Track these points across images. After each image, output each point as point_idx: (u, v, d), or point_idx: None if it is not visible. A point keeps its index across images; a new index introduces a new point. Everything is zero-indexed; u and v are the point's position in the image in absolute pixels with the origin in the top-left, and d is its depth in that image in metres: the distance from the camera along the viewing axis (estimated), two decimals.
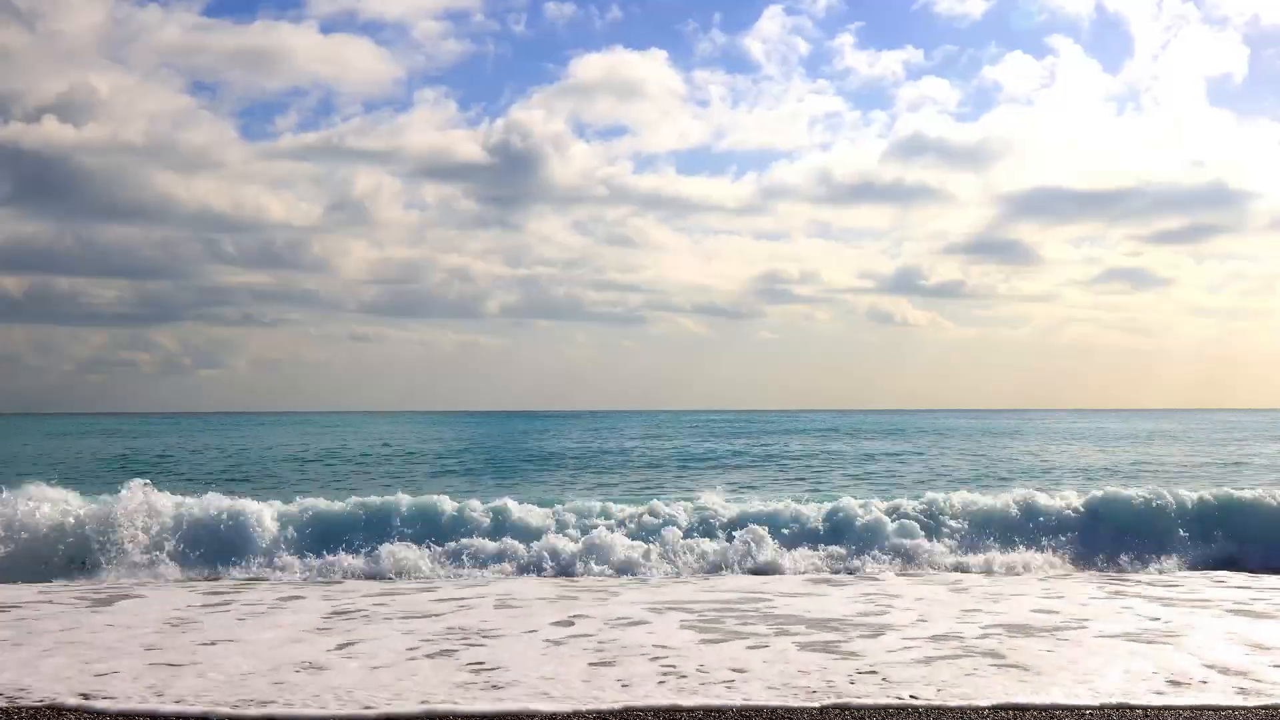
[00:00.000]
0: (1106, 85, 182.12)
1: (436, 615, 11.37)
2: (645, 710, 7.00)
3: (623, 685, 8.23)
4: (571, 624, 10.81)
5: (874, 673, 8.52)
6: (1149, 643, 9.66)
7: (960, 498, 17.24)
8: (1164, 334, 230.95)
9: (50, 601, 12.41)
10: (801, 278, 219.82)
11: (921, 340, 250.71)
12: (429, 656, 9.21)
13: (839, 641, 9.83)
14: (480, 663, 8.95)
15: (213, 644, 9.82)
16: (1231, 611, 11.45)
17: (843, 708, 7.23)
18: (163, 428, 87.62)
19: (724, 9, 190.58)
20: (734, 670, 8.64)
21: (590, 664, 8.99)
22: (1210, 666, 8.69)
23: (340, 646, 9.69)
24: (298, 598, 12.63)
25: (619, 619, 11.08)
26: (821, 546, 15.50)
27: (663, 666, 8.86)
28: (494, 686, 8.13)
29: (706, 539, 15.52)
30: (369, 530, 15.74)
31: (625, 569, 14.62)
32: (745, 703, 7.25)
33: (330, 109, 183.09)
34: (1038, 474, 31.33)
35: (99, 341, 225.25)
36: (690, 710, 6.94)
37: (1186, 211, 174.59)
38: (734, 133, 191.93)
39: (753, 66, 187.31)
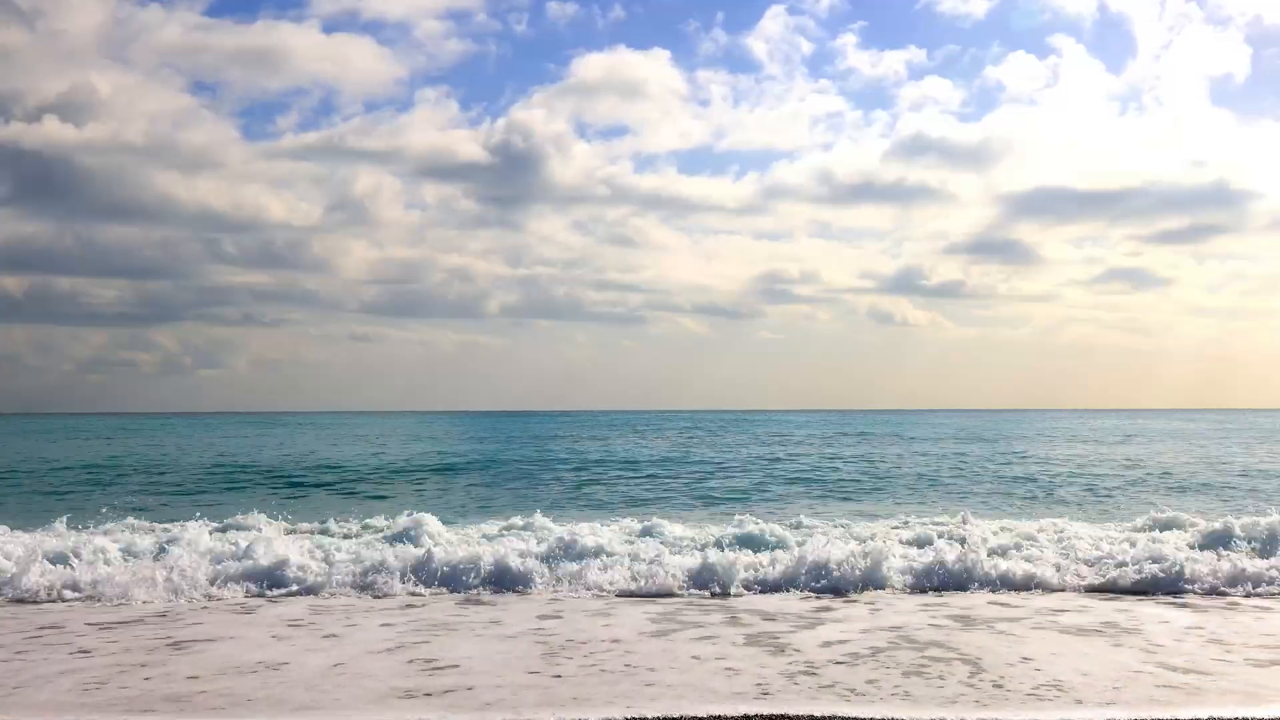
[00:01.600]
0: (1109, 85, 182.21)
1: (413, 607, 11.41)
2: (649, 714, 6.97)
3: (556, 677, 8.13)
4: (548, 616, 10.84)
5: (811, 674, 8.42)
6: None
7: None
8: (1164, 334, 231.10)
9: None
10: (802, 278, 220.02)
11: (922, 340, 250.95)
12: (388, 652, 9.11)
13: (783, 633, 9.73)
14: (433, 660, 8.84)
15: (192, 642, 9.63)
16: None
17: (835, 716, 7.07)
18: (125, 429, 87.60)
19: (726, 9, 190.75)
20: (670, 667, 8.57)
21: (541, 655, 8.91)
22: None
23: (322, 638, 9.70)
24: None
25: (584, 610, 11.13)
26: None
27: (595, 660, 8.78)
28: (443, 692, 7.96)
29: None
30: None
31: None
32: (743, 710, 7.13)
33: (331, 109, 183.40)
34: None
35: (99, 341, 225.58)
36: (693, 714, 6.91)
37: (1188, 211, 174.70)
38: (735, 132, 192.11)
39: (755, 66, 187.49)
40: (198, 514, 16.21)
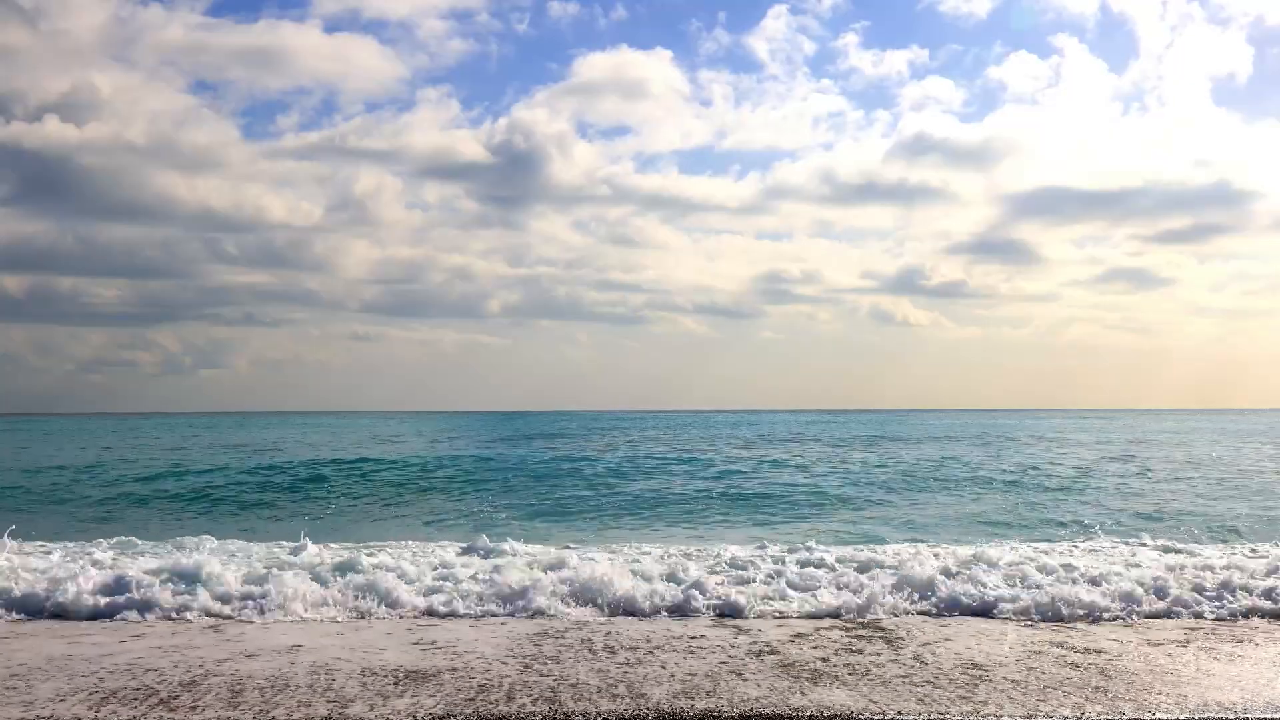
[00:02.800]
0: (1111, 85, 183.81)
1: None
2: (649, 713, 6.92)
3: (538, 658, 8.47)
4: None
5: (772, 653, 9.28)
6: None
7: None
8: (1166, 334, 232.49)
9: None
10: (803, 277, 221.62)
11: (923, 340, 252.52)
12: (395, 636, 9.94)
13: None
14: (434, 641, 9.73)
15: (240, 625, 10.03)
16: None
17: (836, 715, 7.03)
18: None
19: (729, 8, 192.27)
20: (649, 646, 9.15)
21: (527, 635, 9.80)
22: None
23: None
24: None
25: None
26: None
27: (581, 639, 9.36)
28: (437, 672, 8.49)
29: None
30: None
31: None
32: (743, 709, 7.10)
33: (333, 108, 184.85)
34: None
35: (99, 341, 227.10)
36: (692, 713, 6.86)
37: (1190, 211, 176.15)
38: (737, 132, 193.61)
39: (757, 66, 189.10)
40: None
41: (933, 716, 6.49)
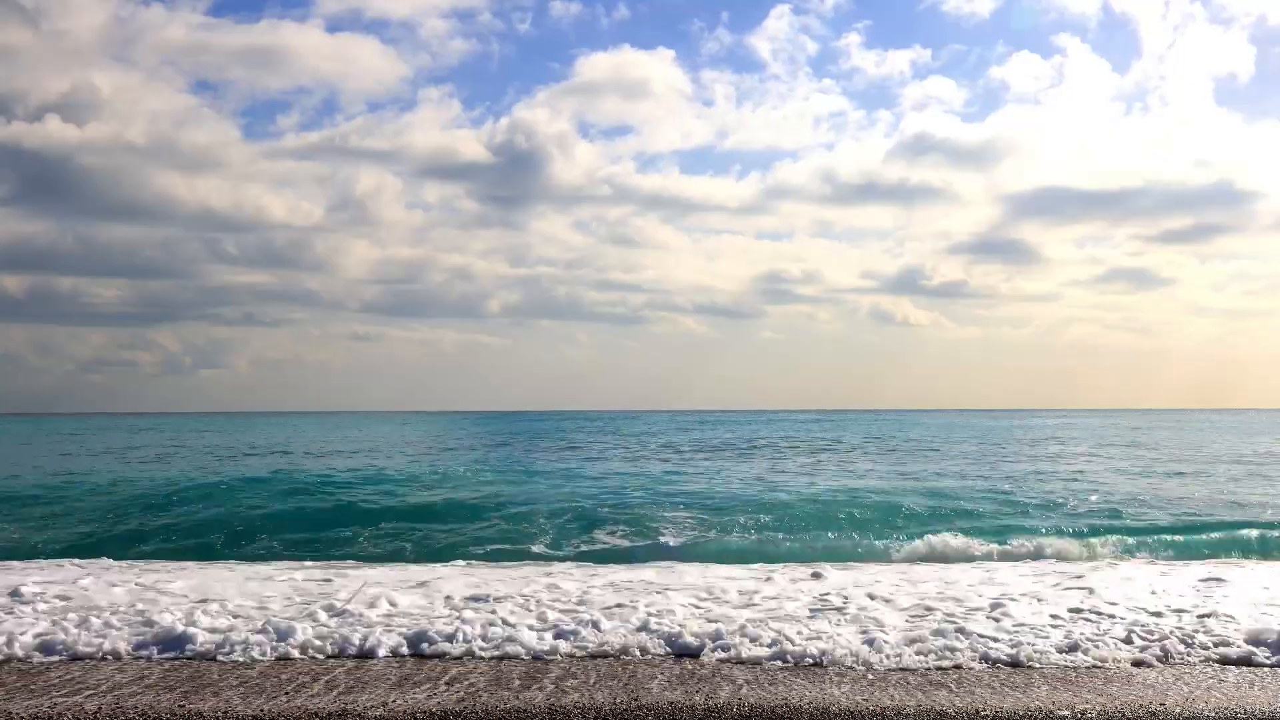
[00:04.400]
0: (1115, 85, 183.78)
1: None
2: (647, 708, 6.94)
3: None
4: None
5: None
6: None
7: None
8: (1167, 334, 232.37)
9: None
10: (804, 277, 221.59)
11: (923, 340, 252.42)
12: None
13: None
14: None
15: None
16: None
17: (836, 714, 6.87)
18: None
19: (731, 8, 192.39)
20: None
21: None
22: None
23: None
24: None
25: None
26: None
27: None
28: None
29: None
30: None
31: None
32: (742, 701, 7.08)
33: (334, 108, 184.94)
34: None
35: (99, 341, 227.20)
36: (690, 707, 6.90)
37: (1191, 211, 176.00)
38: (738, 132, 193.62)
39: (759, 66, 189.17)
40: None
41: (930, 714, 6.65)
